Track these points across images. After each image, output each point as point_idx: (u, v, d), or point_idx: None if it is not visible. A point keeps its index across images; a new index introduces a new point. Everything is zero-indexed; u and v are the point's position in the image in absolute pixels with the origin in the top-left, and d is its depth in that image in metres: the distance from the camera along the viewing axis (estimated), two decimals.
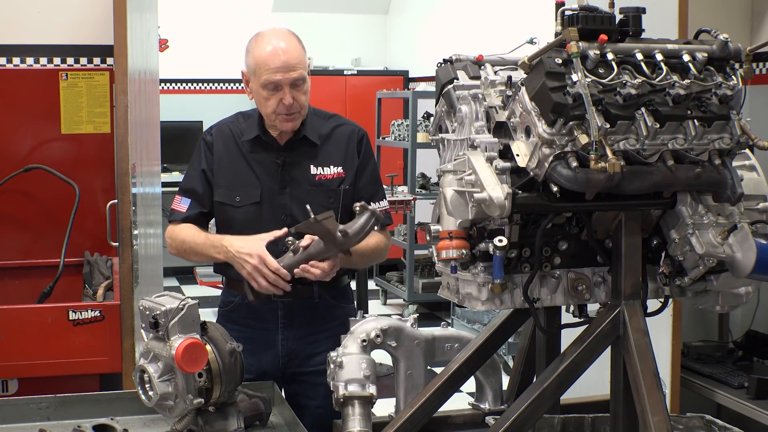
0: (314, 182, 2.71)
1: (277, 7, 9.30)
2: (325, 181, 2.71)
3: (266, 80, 2.61)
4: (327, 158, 2.74)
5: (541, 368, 2.08)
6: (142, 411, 2.37)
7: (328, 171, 2.73)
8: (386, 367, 3.78)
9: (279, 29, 2.71)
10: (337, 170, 2.74)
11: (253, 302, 2.56)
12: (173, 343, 2.15)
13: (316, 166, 2.73)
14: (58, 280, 3.70)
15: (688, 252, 1.91)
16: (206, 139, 2.78)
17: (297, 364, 2.75)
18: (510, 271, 1.92)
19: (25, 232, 4.02)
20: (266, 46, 2.63)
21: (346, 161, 2.75)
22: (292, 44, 2.65)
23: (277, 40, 2.65)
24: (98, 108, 4.00)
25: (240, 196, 2.69)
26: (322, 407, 2.59)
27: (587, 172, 1.77)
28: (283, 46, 2.63)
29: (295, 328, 2.72)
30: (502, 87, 1.92)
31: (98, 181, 4.00)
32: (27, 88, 3.97)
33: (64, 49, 3.98)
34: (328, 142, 2.76)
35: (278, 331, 2.71)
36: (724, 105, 1.85)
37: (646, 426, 1.82)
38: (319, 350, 2.70)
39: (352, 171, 2.75)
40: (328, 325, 2.74)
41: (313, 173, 2.72)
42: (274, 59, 2.61)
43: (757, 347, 4.04)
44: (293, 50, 2.64)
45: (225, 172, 2.72)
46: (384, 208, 2.79)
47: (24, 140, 3.98)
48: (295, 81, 2.63)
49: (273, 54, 2.61)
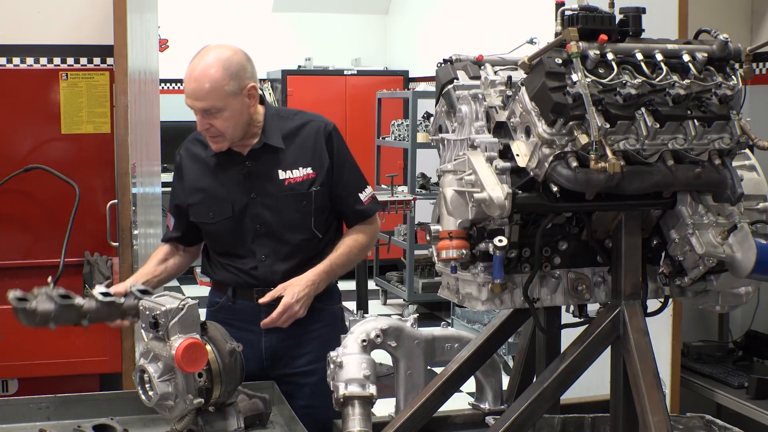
0: (284, 188, 2.65)
1: (277, 7, 9.30)
2: (295, 185, 2.65)
3: (185, 98, 2.57)
4: (295, 161, 2.67)
5: (541, 368, 2.08)
6: (142, 411, 2.37)
7: (297, 174, 2.66)
8: (386, 367, 3.78)
9: (214, 51, 2.56)
10: (307, 171, 2.67)
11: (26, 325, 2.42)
12: (173, 343, 2.15)
13: (285, 170, 2.66)
14: (58, 280, 3.70)
15: (688, 252, 1.91)
16: (176, 160, 2.79)
17: (282, 366, 2.72)
18: (510, 271, 1.92)
19: (25, 232, 4.01)
20: (189, 67, 2.55)
21: (314, 161, 2.68)
22: (209, 73, 2.51)
23: (198, 64, 2.53)
24: (98, 108, 3.99)
25: (213, 212, 2.68)
26: (307, 407, 2.57)
27: (587, 172, 1.77)
28: (196, 74, 2.52)
29: (279, 330, 2.65)
30: (502, 87, 1.92)
31: (98, 181, 3.99)
32: (27, 88, 3.97)
33: (64, 49, 3.97)
34: (295, 142, 2.68)
35: (261, 332, 2.68)
36: (724, 105, 1.85)
37: (646, 426, 1.82)
38: (304, 351, 2.70)
39: (323, 171, 2.68)
40: (313, 327, 2.71)
41: (282, 178, 2.65)
42: (187, 83, 2.54)
43: (757, 347, 4.04)
44: (206, 80, 2.50)
45: (195, 191, 2.71)
46: (370, 196, 2.77)
47: (24, 140, 3.98)
48: (204, 110, 2.53)
49: (187, 77, 2.54)
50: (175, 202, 2.78)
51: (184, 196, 2.74)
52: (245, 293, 2.70)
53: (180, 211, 2.76)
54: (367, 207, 2.77)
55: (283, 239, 2.66)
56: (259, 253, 2.66)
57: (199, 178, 2.71)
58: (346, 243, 2.74)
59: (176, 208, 2.77)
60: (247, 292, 2.69)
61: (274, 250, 2.66)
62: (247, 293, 2.69)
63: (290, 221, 2.66)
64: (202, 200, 2.70)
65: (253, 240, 2.66)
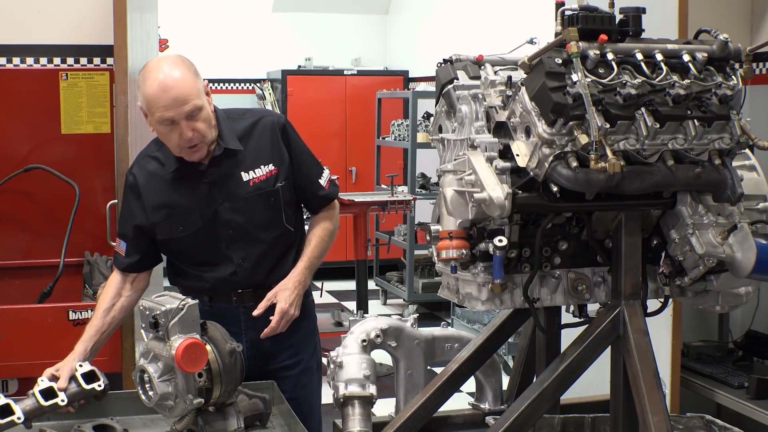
0: (249, 188, 2.62)
1: (277, 7, 9.30)
2: (260, 184, 2.63)
3: (160, 117, 2.47)
4: (255, 160, 2.65)
5: (541, 368, 2.08)
6: (142, 411, 2.37)
7: (260, 172, 2.64)
8: (386, 367, 3.78)
9: (166, 58, 2.55)
10: (269, 168, 2.65)
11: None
12: (173, 343, 2.15)
13: (246, 171, 2.63)
14: (58, 280, 3.70)
15: (688, 252, 1.91)
16: (129, 180, 2.68)
17: (264, 363, 2.70)
18: (510, 271, 1.92)
19: (25, 232, 4.02)
20: (153, 83, 2.46)
21: (274, 157, 2.66)
22: (179, 75, 2.47)
23: (164, 74, 2.47)
24: (98, 108, 3.99)
25: (182, 226, 2.62)
26: (292, 399, 2.56)
27: (587, 172, 1.77)
28: (169, 82, 2.45)
29: (259, 329, 2.62)
30: (502, 87, 1.92)
31: (98, 181, 4.00)
32: (27, 88, 3.97)
33: (64, 49, 3.98)
34: (251, 141, 2.66)
35: (242, 333, 2.65)
36: (724, 105, 1.85)
37: (646, 426, 1.82)
38: (285, 346, 2.70)
39: (284, 165, 2.66)
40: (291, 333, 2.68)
41: (246, 179, 2.63)
42: (162, 96, 2.44)
43: (757, 347, 4.04)
44: (182, 82, 2.46)
45: (158, 209, 2.63)
46: (328, 179, 2.76)
47: (24, 140, 3.98)
48: (189, 113, 2.47)
49: (161, 91, 2.45)
50: (133, 223, 2.66)
51: (144, 217, 2.64)
52: (223, 297, 2.67)
53: (139, 231, 2.65)
54: (329, 191, 2.77)
55: (258, 239, 2.64)
56: (235, 257, 2.63)
57: (160, 195, 2.63)
58: (317, 234, 2.74)
59: (135, 229, 2.65)
60: (226, 296, 2.67)
61: (250, 252, 2.64)
62: (226, 296, 2.67)
63: (261, 220, 2.64)
64: (168, 215, 2.62)
65: (228, 245, 2.62)
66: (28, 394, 2.33)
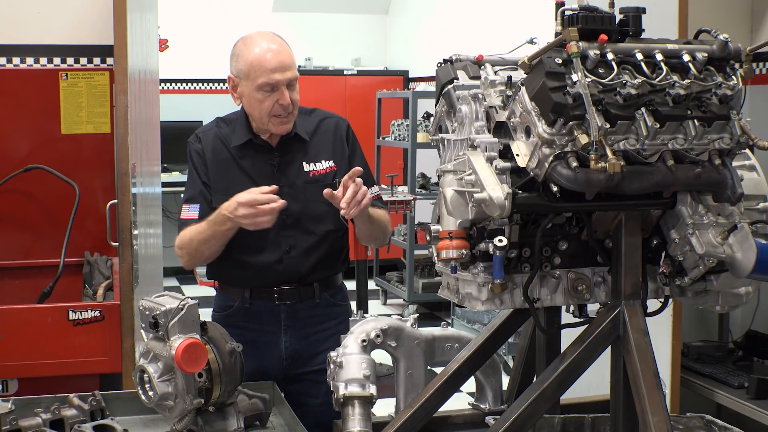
0: (309, 179, 2.71)
1: (277, 7, 9.30)
2: (319, 177, 2.72)
3: (263, 82, 2.59)
4: (317, 154, 2.74)
5: (541, 368, 2.08)
6: (142, 411, 2.37)
7: (321, 166, 2.74)
8: (386, 367, 3.78)
9: (265, 32, 2.71)
10: (329, 164, 2.74)
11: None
12: (173, 343, 2.15)
13: (308, 162, 2.73)
14: (58, 280, 3.70)
15: (688, 252, 1.91)
16: (196, 147, 2.75)
17: (300, 365, 2.76)
18: (510, 271, 1.91)
19: (25, 232, 4.02)
20: (258, 48, 2.62)
21: (335, 154, 2.76)
22: (283, 45, 2.66)
23: (267, 42, 2.64)
24: (98, 108, 4.00)
25: None
26: (323, 405, 2.59)
27: (587, 172, 1.77)
28: (275, 48, 2.62)
29: (298, 329, 2.73)
30: (502, 87, 1.92)
31: (98, 181, 4.00)
32: (27, 88, 3.97)
33: (64, 49, 3.98)
34: (316, 137, 2.76)
35: (281, 333, 2.72)
36: (724, 105, 1.85)
37: (646, 426, 1.82)
38: (321, 349, 2.70)
39: (344, 163, 2.75)
40: (328, 324, 2.76)
41: (307, 170, 2.72)
42: (270, 60, 2.60)
43: (757, 347, 4.04)
44: (286, 51, 2.65)
45: (220, 179, 2.70)
46: (375, 194, 2.77)
47: (24, 140, 3.99)
48: (290, 81, 2.63)
49: (271, 54, 2.61)
50: (202, 180, 2.71)
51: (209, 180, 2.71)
52: (265, 293, 2.69)
53: (208, 193, 2.70)
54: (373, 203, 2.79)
55: (309, 230, 2.69)
56: (284, 244, 2.66)
57: (224, 165, 2.71)
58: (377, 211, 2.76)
59: (204, 186, 2.70)
60: (267, 292, 2.69)
61: (299, 241, 2.67)
62: (267, 292, 2.69)
63: (316, 212, 2.69)
64: (227, 188, 2.65)
65: (278, 231, 2.65)
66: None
